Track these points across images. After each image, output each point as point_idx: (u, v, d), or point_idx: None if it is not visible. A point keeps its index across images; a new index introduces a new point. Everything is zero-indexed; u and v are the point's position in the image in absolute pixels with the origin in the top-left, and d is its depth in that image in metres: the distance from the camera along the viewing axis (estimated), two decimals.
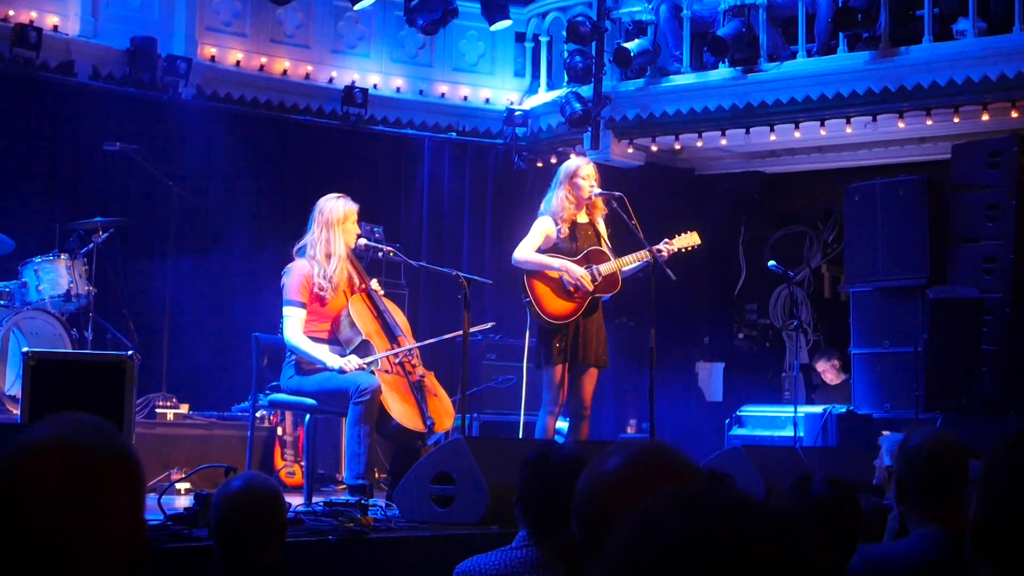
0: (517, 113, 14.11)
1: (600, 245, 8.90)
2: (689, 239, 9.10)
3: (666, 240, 8.95)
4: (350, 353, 8.05)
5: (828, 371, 13.26)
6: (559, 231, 8.79)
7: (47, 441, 1.92)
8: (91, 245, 10.57)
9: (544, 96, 13.97)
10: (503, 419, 11.72)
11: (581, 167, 8.90)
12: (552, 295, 8.73)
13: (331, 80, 13.80)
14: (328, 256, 8.14)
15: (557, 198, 8.84)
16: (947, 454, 4.08)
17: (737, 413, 12.34)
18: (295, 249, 8.29)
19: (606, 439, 11.92)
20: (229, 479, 4.37)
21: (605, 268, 8.78)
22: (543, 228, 8.83)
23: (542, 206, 8.95)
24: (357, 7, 12.89)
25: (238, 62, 13.28)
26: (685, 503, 1.52)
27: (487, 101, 14.56)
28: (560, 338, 8.70)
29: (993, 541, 2.26)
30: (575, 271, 8.71)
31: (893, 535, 4.41)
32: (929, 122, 11.97)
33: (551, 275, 8.74)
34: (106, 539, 1.89)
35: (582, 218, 8.89)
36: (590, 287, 8.71)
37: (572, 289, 8.71)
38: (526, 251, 8.79)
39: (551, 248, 8.80)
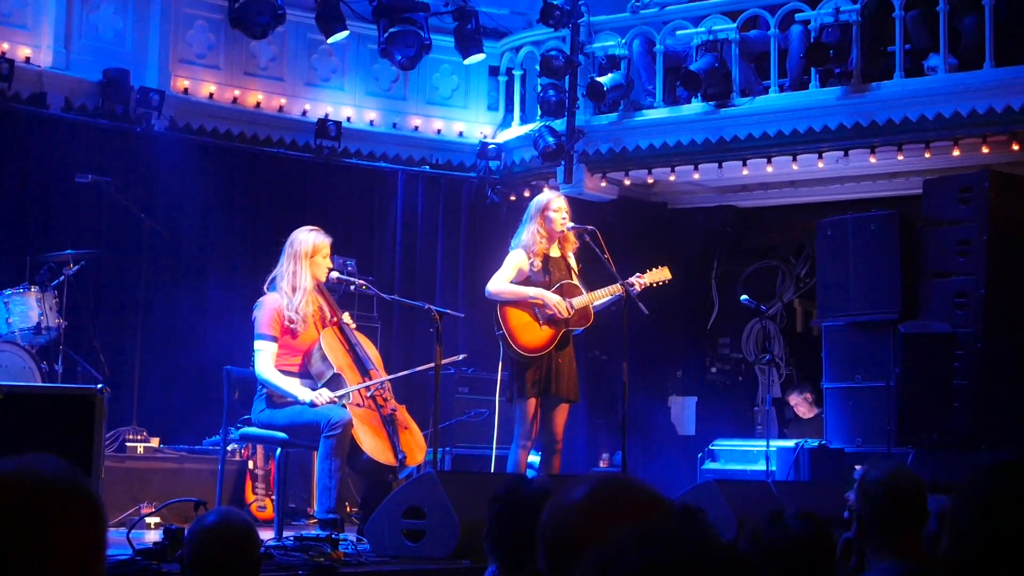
0: (490, 146, 14.12)
1: (572, 279, 8.90)
2: (660, 274, 9.11)
3: (638, 274, 8.97)
4: (321, 387, 8.02)
5: (800, 404, 13.27)
6: (532, 264, 8.79)
7: (10, 472, 1.93)
8: (62, 277, 10.52)
9: (517, 130, 13.99)
10: (475, 453, 11.70)
11: (552, 200, 8.92)
12: (525, 328, 8.73)
13: (304, 113, 13.79)
14: (294, 289, 8.11)
15: (529, 232, 8.84)
16: (906, 489, 4.08)
17: (710, 447, 12.34)
18: (266, 283, 8.27)
19: (578, 473, 11.90)
20: (203, 513, 4.34)
21: (578, 301, 8.78)
22: (516, 261, 8.83)
23: (513, 241, 8.96)
24: (331, 40, 12.88)
25: (211, 94, 13.26)
26: (645, 540, 1.51)
27: (460, 134, 14.58)
28: (533, 371, 8.69)
29: None
30: (551, 298, 8.71)
31: (851, 570, 4.40)
32: (901, 157, 12.05)
33: (525, 306, 8.74)
34: (63, 569, 1.88)
35: (554, 252, 8.90)
36: (566, 314, 8.71)
37: (549, 313, 8.70)
38: (500, 283, 8.79)
39: (524, 281, 8.80)
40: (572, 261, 9.00)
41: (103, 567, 1.98)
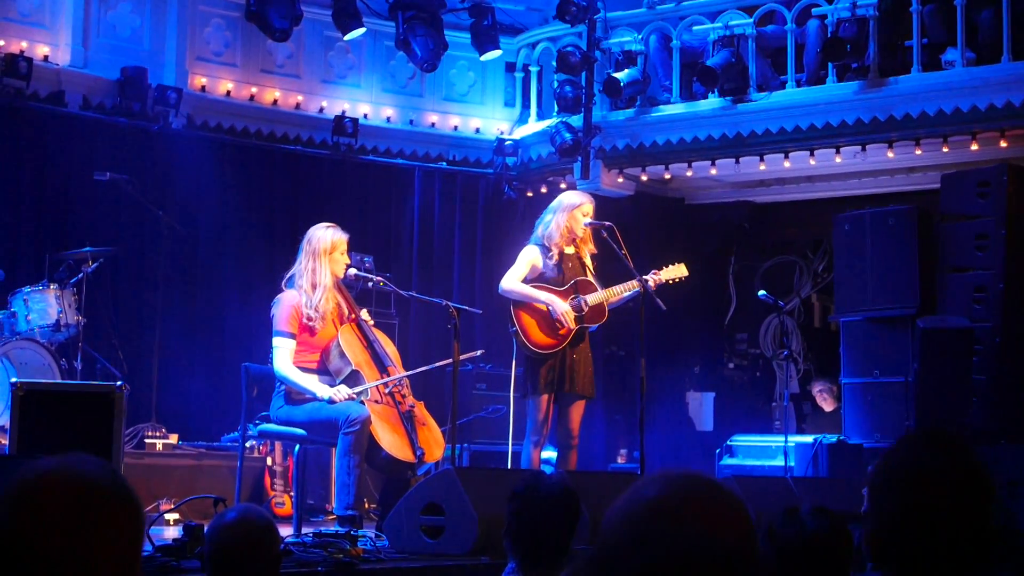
0: (507, 143, 14.13)
1: (587, 275, 8.89)
2: (677, 271, 9.06)
3: (654, 271, 8.93)
4: (340, 383, 8.03)
5: (825, 392, 13.21)
6: (548, 258, 8.79)
7: (55, 469, 1.98)
8: (81, 275, 10.56)
9: (534, 126, 14.00)
10: (493, 449, 11.69)
11: (584, 204, 8.89)
12: (538, 325, 8.72)
13: (321, 110, 13.81)
14: (314, 286, 8.12)
15: (556, 223, 8.82)
16: None
17: (728, 443, 12.33)
18: (284, 280, 8.28)
19: (596, 469, 11.92)
20: (223, 511, 4.35)
21: (592, 299, 8.78)
22: (529, 258, 8.83)
23: (540, 229, 8.91)
24: (347, 37, 12.91)
25: (228, 92, 13.29)
26: (644, 538, 1.51)
27: (477, 131, 14.59)
28: (547, 368, 8.69)
29: (889, 552, 2.27)
30: (559, 307, 8.70)
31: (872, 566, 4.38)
32: (918, 152, 12.02)
33: (538, 306, 8.74)
34: (102, 568, 1.93)
35: (568, 249, 8.89)
36: (572, 325, 8.70)
37: (559, 323, 8.71)
38: (513, 281, 8.79)
39: (538, 277, 8.80)
40: (587, 259, 8.98)
41: (140, 565, 2.01)
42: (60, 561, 1.89)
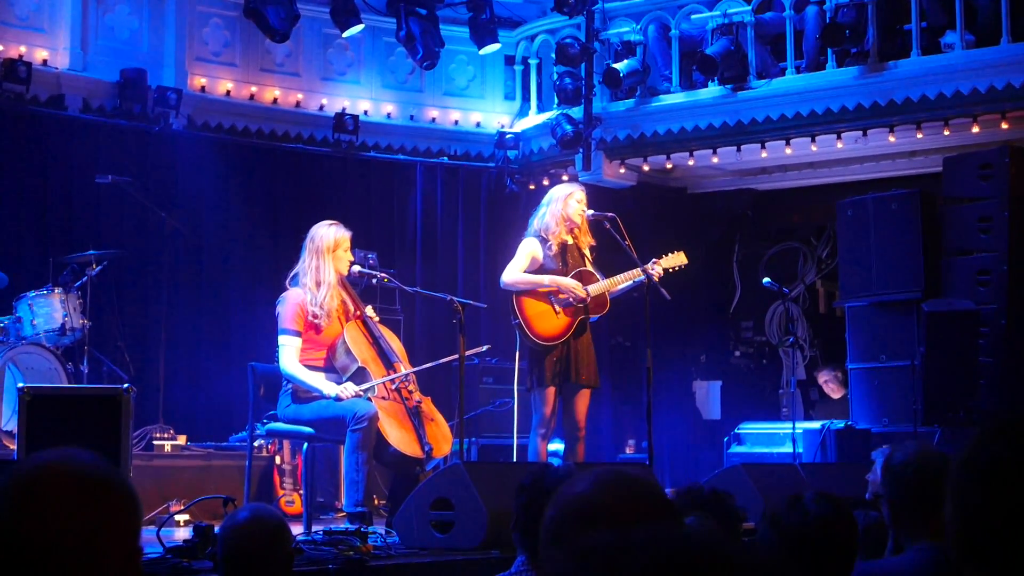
0: (508, 136, 14.13)
1: (587, 266, 8.91)
2: (676, 258, 9.09)
3: (654, 260, 8.95)
4: (346, 380, 8.03)
5: (831, 382, 13.21)
6: (547, 249, 8.81)
7: (51, 462, 1.99)
8: (85, 278, 10.56)
9: (535, 118, 13.99)
10: (501, 443, 11.70)
11: (576, 191, 8.95)
12: (542, 316, 8.74)
13: (322, 107, 13.81)
14: (318, 284, 8.13)
15: (551, 213, 8.85)
16: (932, 467, 4.03)
17: (735, 431, 12.32)
18: (288, 278, 8.28)
19: (604, 460, 11.92)
20: (234, 510, 4.36)
21: (595, 288, 8.79)
22: (529, 249, 8.85)
23: (535, 223, 8.94)
24: (346, 34, 12.90)
25: (228, 92, 13.29)
26: (651, 538, 1.51)
27: (478, 125, 14.58)
28: (551, 360, 8.70)
29: (978, 550, 2.25)
30: (565, 283, 8.72)
31: (891, 552, 4.38)
32: (920, 136, 12.00)
33: (541, 293, 8.76)
34: (103, 559, 1.94)
35: (568, 239, 8.90)
36: (583, 295, 8.71)
37: (564, 297, 8.71)
38: (514, 272, 8.81)
39: (538, 269, 8.82)
40: (586, 250, 8.99)
41: (140, 559, 2.02)
42: (61, 552, 1.91)
